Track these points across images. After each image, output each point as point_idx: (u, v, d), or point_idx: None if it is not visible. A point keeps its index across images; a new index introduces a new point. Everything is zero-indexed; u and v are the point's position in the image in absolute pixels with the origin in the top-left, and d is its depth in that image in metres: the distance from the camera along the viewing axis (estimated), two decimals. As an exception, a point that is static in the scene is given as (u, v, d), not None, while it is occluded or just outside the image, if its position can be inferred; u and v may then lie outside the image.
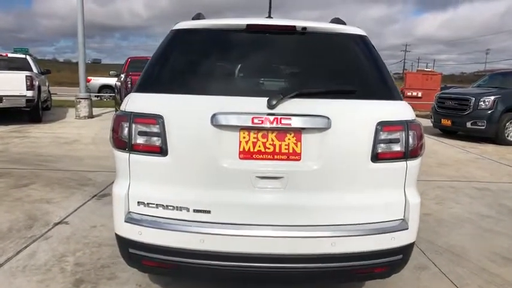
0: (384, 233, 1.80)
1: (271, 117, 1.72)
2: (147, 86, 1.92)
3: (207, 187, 1.78)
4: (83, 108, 10.30)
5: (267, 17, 2.22)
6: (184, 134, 1.78)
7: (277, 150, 1.76)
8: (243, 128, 1.76)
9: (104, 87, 18.26)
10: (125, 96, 7.97)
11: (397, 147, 1.85)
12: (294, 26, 1.93)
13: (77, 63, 11.60)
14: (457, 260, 2.92)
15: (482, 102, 8.38)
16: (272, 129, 1.75)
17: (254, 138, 1.76)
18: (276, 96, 1.73)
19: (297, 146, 1.76)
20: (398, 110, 1.89)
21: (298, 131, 1.76)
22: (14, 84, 8.28)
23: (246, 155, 1.76)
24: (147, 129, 1.81)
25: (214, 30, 1.99)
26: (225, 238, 1.72)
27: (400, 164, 1.87)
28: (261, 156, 1.76)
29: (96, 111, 11.48)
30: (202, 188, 1.78)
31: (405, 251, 1.88)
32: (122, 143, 1.86)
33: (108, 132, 6.98)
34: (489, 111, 8.27)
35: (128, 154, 1.85)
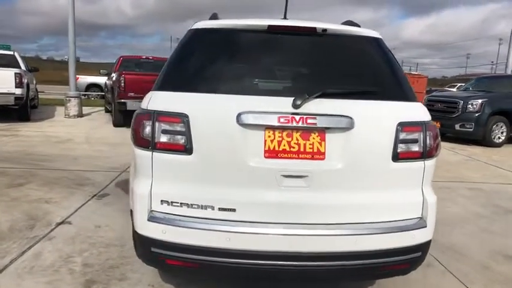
0: (404, 230, 1.84)
1: (297, 117, 1.74)
2: (170, 84, 1.91)
3: (232, 185, 1.79)
4: (73, 107, 10.12)
5: (282, 18, 2.23)
6: (209, 132, 1.78)
7: (301, 149, 1.78)
8: (268, 127, 1.77)
9: (91, 86, 17.96)
10: (118, 95, 7.83)
11: (415, 148, 1.89)
12: (315, 28, 1.96)
13: (60, 62, 11.43)
14: (461, 258, 3.00)
15: (470, 105, 8.60)
16: (297, 129, 1.77)
17: (279, 137, 1.78)
18: (301, 96, 1.75)
19: (321, 145, 1.79)
20: (417, 111, 1.94)
21: (322, 131, 1.79)
22: (2, 81, 8.08)
23: (271, 153, 1.77)
24: (172, 128, 1.80)
25: (235, 30, 1.99)
26: (251, 236, 1.73)
27: (419, 164, 1.91)
28: (286, 155, 1.77)
29: (85, 110, 11.29)
30: (227, 186, 1.79)
31: (424, 248, 1.92)
32: (144, 142, 1.85)
33: (99, 131, 6.96)
34: (477, 114, 8.49)
35: (150, 152, 1.83)
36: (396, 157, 1.85)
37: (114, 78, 9.08)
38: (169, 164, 1.82)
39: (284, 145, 1.77)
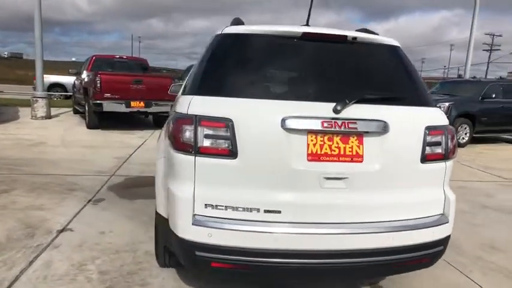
0: (431, 226, 1.98)
1: (339, 122, 1.83)
2: (209, 89, 1.93)
3: (277, 188, 1.84)
4: (41, 108, 9.62)
5: (303, 25, 2.30)
6: (254, 137, 1.82)
7: (341, 152, 1.87)
8: (310, 131, 1.84)
9: (54, 86, 17.05)
10: (93, 95, 7.56)
11: (439, 150, 2.04)
12: (346, 36, 2.06)
13: (6, 58, 10.78)
14: (456, 250, 3.23)
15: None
16: (337, 133, 1.86)
17: (321, 141, 1.85)
18: (341, 102, 1.84)
19: (359, 149, 1.88)
20: (439, 116, 2.09)
21: (361, 135, 1.89)
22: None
23: (313, 157, 1.84)
24: (216, 133, 1.82)
25: (270, 36, 2.04)
26: (296, 237, 1.79)
27: (441, 165, 2.07)
28: (328, 158, 1.85)
29: (52, 111, 10.75)
30: (272, 189, 1.84)
31: (445, 242, 2.08)
32: (186, 146, 1.85)
33: (74, 134, 6.76)
34: (444, 116, 9.03)
35: (193, 157, 1.84)
36: (424, 159, 1.99)
37: (87, 78, 8.75)
38: (213, 168, 1.84)
39: (326, 149, 1.85)
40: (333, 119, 1.84)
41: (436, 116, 2.08)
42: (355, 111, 1.88)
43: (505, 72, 48.03)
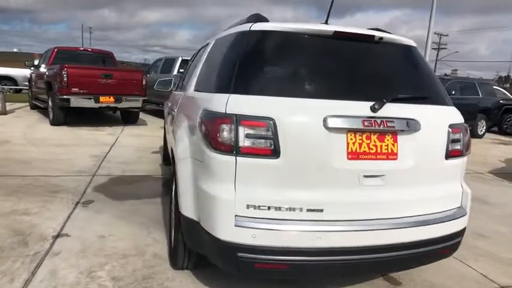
0: (453, 219, 2.09)
1: (379, 120, 1.87)
2: (247, 87, 1.88)
3: (319, 187, 1.84)
4: (-5, 103, 8.87)
5: (323, 23, 2.31)
6: (296, 136, 1.80)
7: (378, 150, 1.91)
8: (350, 130, 1.86)
9: (2, 79, 15.73)
10: (59, 90, 7.13)
11: (458, 146, 2.15)
12: (374, 36, 2.10)
13: None
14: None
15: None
16: (374, 131, 1.90)
17: (360, 139, 1.88)
18: (379, 101, 1.88)
19: (394, 146, 1.94)
20: (457, 114, 2.21)
21: (395, 133, 1.94)
22: None
23: (353, 155, 1.87)
24: (258, 132, 1.79)
25: (302, 34, 2.03)
26: (339, 234, 1.81)
27: (460, 160, 2.18)
28: (366, 156, 1.89)
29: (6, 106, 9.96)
30: (314, 187, 1.84)
31: (462, 233, 2.20)
32: (226, 146, 1.80)
33: (38, 131, 6.42)
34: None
35: (233, 157, 1.80)
36: (448, 155, 2.09)
37: (51, 72, 8.18)
38: (255, 168, 1.80)
39: (364, 147, 1.88)
40: (371, 117, 1.88)
41: (456, 114, 2.19)
42: (389, 110, 1.92)
43: (449, 70, 51.43)
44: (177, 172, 2.19)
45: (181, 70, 10.27)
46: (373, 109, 1.88)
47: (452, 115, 2.17)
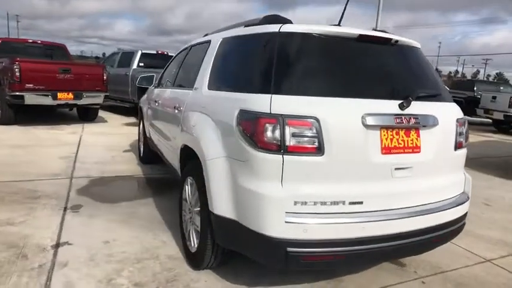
0: (462, 203, 2.32)
1: (408, 117, 2.02)
2: (288, 88, 1.93)
3: (359, 180, 1.95)
4: None
5: (335, 25, 2.40)
6: (338, 133, 1.89)
7: (406, 145, 2.06)
8: (383, 127, 1.99)
9: None
10: (10, 86, 6.60)
11: (462, 138, 2.38)
12: (391, 39, 2.24)
13: None
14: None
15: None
16: (402, 127, 2.04)
17: (391, 135, 2.02)
18: (406, 99, 2.03)
19: (417, 141, 2.10)
20: (459, 109, 2.43)
21: (418, 128, 2.10)
22: None
23: (386, 150, 2.00)
24: (304, 131, 1.85)
25: (331, 36, 2.10)
26: (377, 223, 1.94)
27: (463, 151, 2.42)
28: (396, 150, 2.03)
29: None
30: (355, 181, 1.94)
31: (466, 216, 2.45)
32: (272, 145, 1.84)
33: None
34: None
35: (281, 156, 1.84)
36: (456, 146, 2.31)
37: (-2, 66, 7.45)
38: (301, 166, 1.86)
39: (394, 142, 2.02)
40: (400, 115, 2.02)
41: (458, 109, 2.42)
42: (413, 107, 2.08)
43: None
44: (207, 172, 2.17)
45: (141, 64, 9.92)
46: (401, 107, 2.03)
47: (457, 110, 2.39)
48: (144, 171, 4.95)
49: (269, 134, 1.84)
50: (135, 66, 9.82)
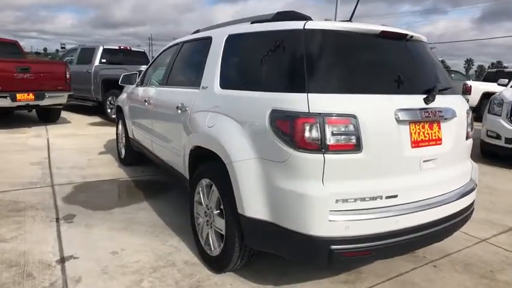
0: (473, 190, 2.46)
1: (433, 111, 2.10)
2: (323, 86, 1.92)
3: (393, 174, 2.00)
4: None
5: (346, 21, 2.43)
6: (374, 130, 1.91)
7: (430, 137, 2.14)
8: (412, 121, 2.05)
9: None
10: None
11: (470, 129, 2.52)
12: (406, 34, 2.30)
13: None
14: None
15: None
16: (427, 121, 2.12)
17: (418, 129, 2.08)
18: (432, 94, 2.10)
19: (439, 133, 2.19)
20: (465, 101, 2.57)
21: (439, 121, 2.19)
22: None
23: (415, 144, 2.07)
24: (343, 129, 1.85)
25: (355, 33, 2.11)
26: (411, 215, 2.00)
27: (471, 140, 2.56)
28: (423, 143, 2.10)
29: None
30: (390, 176, 1.98)
31: (474, 202, 2.60)
32: (313, 145, 1.83)
33: None
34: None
35: (321, 155, 1.83)
36: (467, 136, 2.44)
37: None
38: (341, 163, 1.87)
39: (421, 135, 2.09)
40: (426, 109, 2.09)
41: (465, 101, 2.55)
42: (435, 101, 2.16)
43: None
44: (235, 175, 2.11)
45: (103, 60, 9.42)
46: (426, 101, 2.10)
47: (465, 102, 2.52)
48: (128, 173, 4.74)
49: (309, 133, 1.83)
50: (97, 62, 9.31)
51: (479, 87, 11.25)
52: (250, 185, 2.07)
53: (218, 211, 2.44)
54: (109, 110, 9.00)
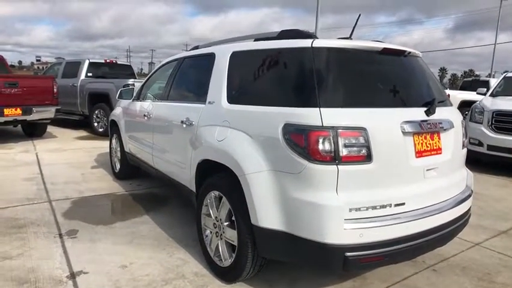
0: (470, 196, 2.61)
1: (434, 122, 2.25)
2: (334, 101, 2.03)
3: (400, 183, 2.12)
4: None
5: (346, 38, 2.57)
6: (382, 141, 2.03)
7: (432, 147, 2.28)
8: (415, 133, 2.19)
9: None
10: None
11: (464, 138, 2.69)
12: (405, 51, 2.46)
13: None
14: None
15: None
16: (428, 132, 2.26)
17: (421, 140, 2.22)
18: (432, 106, 2.26)
19: (439, 143, 2.34)
20: (459, 112, 2.74)
21: (438, 132, 2.34)
22: None
23: (419, 154, 2.20)
24: (354, 141, 1.96)
25: (358, 50, 2.24)
26: (418, 221, 2.12)
27: (465, 149, 2.73)
28: (426, 153, 2.24)
29: None
30: (397, 185, 2.10)
31: (471, 208, 2.75)
32: (327, 157, 1.93)
33: None
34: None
35: (335, 166, 1.94)
36: (463, 145, 2.61)
37: None
38: (353, 174, 1.97)
39: (424, 146, 2.23)
40: (427, 121, 2.24)
41: (458, 112, 2.72)
42: (436, 113, 2.32)
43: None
44: (248, 186, 2.19)
45: (90, 74, 9.36)
46: (427, 113, 2.25)
47: (459, 113, 2.69)
48: (124, 187, 4.73)
49: (323, 146, 1.93)
50: (83, 76, 9.25)
51: (457, 96, 11.71)
52: (263, 196, 2.15)
53: (228, 222, 2.50)
54: (96, 124, 8.92)
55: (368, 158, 2.00)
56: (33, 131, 7.93)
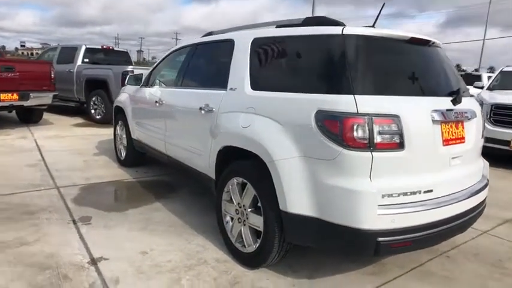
0: (487, 185, 2.68)
1: (460, 112, 2.29)
2: (368, 88, 2.04)
3: (429, 171, 2.15)
4: None
5: (370, 26, 2.57)
6: (413, 129, 2.06)
7: (457, 136, 2.32)
8: (443, 121, 2.22)
9: None
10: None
11: (483, 128, 2.74)
12: (429, 40, 2.48)
13: None
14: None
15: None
16: (454, 121, 2.30)
17: (448, 128, 2.26)
18: (458, 96, 2.29)
19: (463, 132, 2.38)
20: (478, 103, 2.79)
21: (463, 121, 2.38)
22: None
23: (446, 142, 2.24)
24: (388, 128, 1.98)
25: (388, 39, 2.25)
26: (444, 208, 2.17)
27: (483, 139, 2.78)
28: (452, 142, 2.28)
29: None
30: (426, 172, 2.14)
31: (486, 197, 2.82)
32: (361, 144, 1.95)
33: None
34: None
35: (370, 153, 1.96)
36: (482, 135, 2.66)
37: None
38: (386, 161, 2.00)
39: (450, 134, 2.27)
40: (453, 110, 2.28)
41: (477, 103, 2.77)
42: (461, 103, 2.36)
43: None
44: (278, 173, 2.20)
45: (86, 60, 9.18)
46: (454, 102, 2.28)
47: (478, 104, 2.74)
48: (131, 174, 4.69)
49: (358, 132, 1.95)
50: (79, 62, 9.06)
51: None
52: (293, 183, 2.16)
53: (253, 208, 2.51)
54: (93, 111, 8.78)
55: (400, 145, 2.02)
56: (29, 117, 7.77)
